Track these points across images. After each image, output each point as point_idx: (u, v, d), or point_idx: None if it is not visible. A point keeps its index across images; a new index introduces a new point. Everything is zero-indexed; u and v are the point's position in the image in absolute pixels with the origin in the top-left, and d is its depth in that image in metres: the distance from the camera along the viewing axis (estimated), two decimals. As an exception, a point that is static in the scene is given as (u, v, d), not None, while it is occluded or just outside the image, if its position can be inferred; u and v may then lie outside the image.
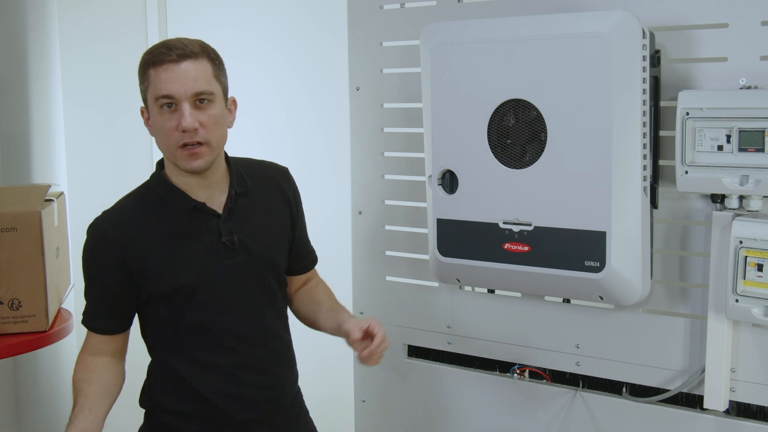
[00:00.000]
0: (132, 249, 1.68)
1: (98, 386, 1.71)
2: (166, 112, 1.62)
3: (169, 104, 1.62)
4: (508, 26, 1.79)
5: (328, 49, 2.85)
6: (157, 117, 1.64)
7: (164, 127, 1.63)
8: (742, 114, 1.61)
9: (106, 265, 1.69)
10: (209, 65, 1.65)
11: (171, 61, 1.61)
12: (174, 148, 1.64)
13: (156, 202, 1.71)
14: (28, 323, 2.04)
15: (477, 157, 1.84)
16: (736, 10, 1.67)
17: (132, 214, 1.71)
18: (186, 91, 1.61)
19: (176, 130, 1.62)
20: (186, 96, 1.61)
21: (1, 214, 2.01)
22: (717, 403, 1.73)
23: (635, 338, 1.86)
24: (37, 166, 3.08)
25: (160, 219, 1.69)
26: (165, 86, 1.61)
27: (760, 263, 1.61)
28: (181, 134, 1.62)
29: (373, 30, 2.15)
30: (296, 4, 2.93)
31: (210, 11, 3.16)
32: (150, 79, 1.63)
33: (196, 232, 1.70)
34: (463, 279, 1.97)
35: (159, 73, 1.62)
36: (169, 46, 1.63)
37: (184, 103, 1.61)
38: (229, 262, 1.71)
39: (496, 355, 2.06)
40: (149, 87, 1.64)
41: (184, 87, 1.61)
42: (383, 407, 2.26)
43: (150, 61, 1.63)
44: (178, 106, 1.62)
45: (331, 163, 2.86)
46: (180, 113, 1.61)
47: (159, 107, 1.63)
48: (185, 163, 1.65)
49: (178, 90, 1.61)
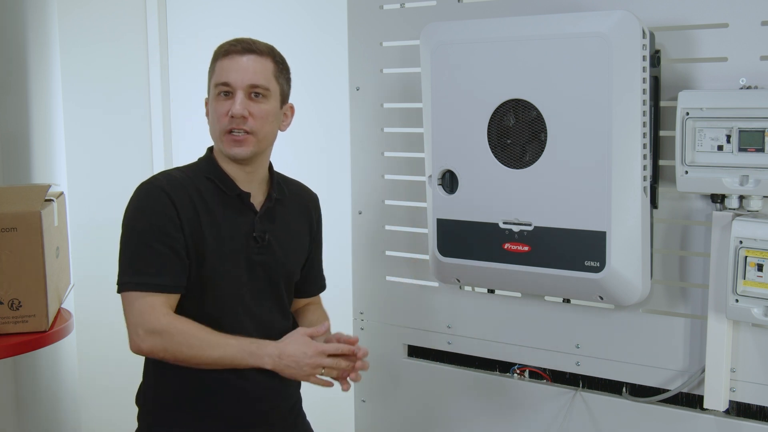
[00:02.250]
0: (185, 209, 1.70)
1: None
2: (222, 98, 1.72)
3: (226, 92, 1.71)
4: (508, 26, 1.79)
5: (328, 49, 2.86)
6: (213, 102, 1.74)
7: (216, 111, 1.72)
8: (742, 114, 1.61)
9: (166, 217, 1.68)
10: (272, 65, 1.75)
11: (236, 53, 1.72)
12: (221, 133, 1.72)
13: (203, 181, 1.75)
14: (28, 323, 2.04)
15: (477, 157, 1.84)
16: (736, 10, 1.67)
17: (183, 181, 1.74)
18: (243, 81, 1.71)
19: (226, 116, 1.71)
20: (242, 86, 1.71)
21: (1, 214, 2.01)
22: (717, 403, 1.73)
23: (635, 338, 1.86)
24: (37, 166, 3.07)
25: (206, 195, 1.73)
26: (225, 74, 1.71)
27: (760, 263, 1.61)
28: (230, 120, 1.70)
29: (373, 30, 2.15)
30: (296, 4, 2.93)
31: (210, 11, 3.16)
32: (215, 69, 1.74)
33: (234, 219, 1.75)
34: (463, 279, 1.97)
35: (223, 62, 1.72)
36: (239, 40, 1.74)
37: (239, 92, 1.71)
38: (256, 257, 1.76)
39: (496, 355, 2.06)
40: (213, 76, 1.74)
41: (242, 77, 1.70)
42: (383, 407, 2.26)
43: (219, 53, 1.75)
44: (234, 94, 1.71)
45: (331, 163, 2.86)
46: (233, 101, 1.70)
47: (217, 93, 1.73)
48: (228, 149, 1.72)
49: (236, 79, 1.70)
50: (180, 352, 1.64)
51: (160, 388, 1.77)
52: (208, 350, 1.64)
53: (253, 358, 1.65)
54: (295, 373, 1.66)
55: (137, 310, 1.66)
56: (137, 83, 3.29)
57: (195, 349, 1.64)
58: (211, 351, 1.65)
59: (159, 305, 1.66)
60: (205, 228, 1.70)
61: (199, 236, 1.70)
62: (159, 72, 3.27)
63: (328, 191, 2.83)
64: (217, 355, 1.65)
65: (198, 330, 1.65)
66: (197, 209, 1.70)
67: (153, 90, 3.30)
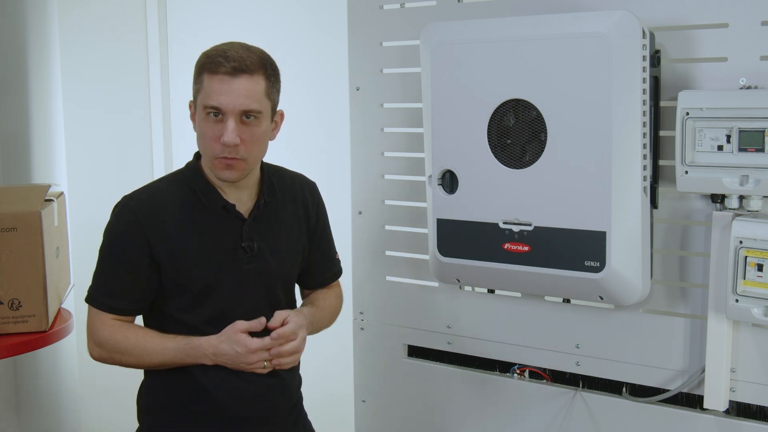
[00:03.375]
0: (159, 232, 1.68)
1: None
2: (211, 120, 1.64)
3: (216, 113, 1.64)
4: (508, 26, 1.79)
5: (328, 49, 2.85)
6: (203, 122, 1.66)
7: (206, 134, 1.66)
8: (742, 114, 1.61)
9: (133, 243, 1.68)
10: (263, 82, 1.66)
11: (226, 73, 1.62)
12: (210, 157, 1.67)
13: (188, 192, 1.72)
14: (28, 323, 2.04)
15: (477, 157, 1.84)
16: (736, 10, 1.67)
17: (164, 197, 1.72)
18: (235, 106, 1.62)
19: (217, 142, 1.64)
20: (234, 111, 1.63)
21: (1, 214, 2.01)
22: (717, 403, 1.73)
23: (635, 338, 1.86)
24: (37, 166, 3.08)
25: (189, 210, 1.71)
26: (216, 97, 1.62)
27: (760, 263, 1.61)
28: (221, 147, 1.64)
29: (373, 30, 2.15)
30: (296, 4, 2.93)
31: (210, 11, 3.16)
32: (203, 84, 1.65)
33: (219, 231, 1.72)
34: (463, 279, 1.97)
35: (212, 82, 1.62)
36: (228, 56, 1.63)
37: (230, 117, 1.63)
38: (246, 267, 1.73)
39: (496, 355, 2.06)
40: (201, 91, 1.66)
41: (233, 102, 1.62)
42: (383, 407, 2.26)
43: (206, 66, 1.64)
44: (224, 119, 1.63)
45: (331, 163, 2.86)
46: (224, 126, 1.63)
47: (206, 114, 1.65)
48: (219, 173, 1.68)
49: (227, 104, 1.62)
50: (124, 361, 1.72)
51: (160, 387, 1.76)
52: (147, 357, 1.70)
53: (191, 359, 1.68)
54: (236, 368, 1.68)
55: (90, 321, 1.74)
56: (137, 83, 3.29)
57: (135, 357, 1.70)
58: (150, 358, 1.70)
59: (107, 319, 1.72)
60: (189, 243, 1.69)
61: (182, 253, 1.68)
62: (159, 72, 3.27)
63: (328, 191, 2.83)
64: (157, 361, 1.70)
65: (136, 338, 1.70)
66: (180, 225, 1.69)
67: (153, 90, 3.30)
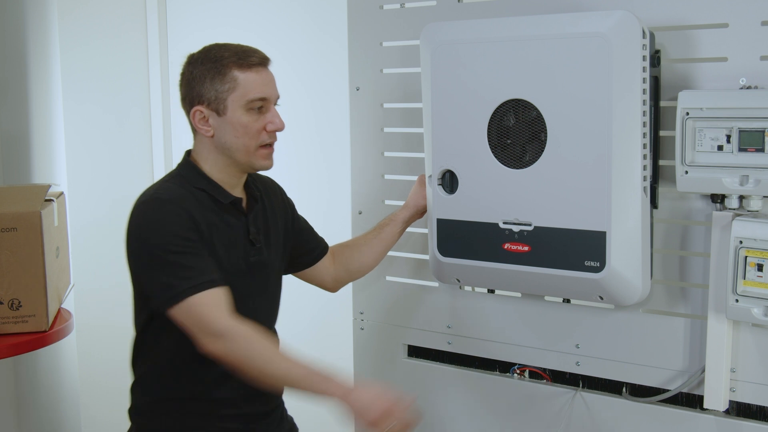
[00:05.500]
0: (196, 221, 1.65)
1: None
2: (254, 113, 1.68)
3: (260, 106, 1.68)
4: (508, 26, 1.79)
5: (328, 49, 2.85)
6: (243, 117, 1.68)
7: (251, 127, 1.68)
8: (742, 114, 1.61)
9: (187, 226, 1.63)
10: None
11: (260, 65, 1.69)
12: (254, 148, 1.70)
13: (196, 190, 1.70)
14: (28, 323, 2.04)
15: (477, 157, 1.84)
16: (736, 10, 1.67)
17: (181, 192, 1.69)
18: (274, 94, 1.72)
19: (263, 131, 1.70)
20: (274, 99, 1.72)
21: (1, 214, 2.01)
22: (717, 403, 1.73)
23: (635, 338, 1.86)
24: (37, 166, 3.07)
25: (204, 206, 1.69)
26: (261, 89, 1.68)
27: (760, 263, 1.61)
28: (268, 135, 1.70)
29: (373, 30, 2.15)
30: (296, 4, 2.94)
31: (210, 11, 3.16)
32: (237, 81, 1.67)
33: (232, 226, 1.73)
34: (463, 279, 1.97)
35: (250, 76, 1.67)
36: (246, 49, 1.69)
37: (272, 105, 1.71)
38: (252, 259, 1.76)
39: (496, 355, 2.06)
40: (236, 89, 1.66)
41: (272, 90, 1.71)
42: (383, 407, 2.26)
43: (233, 63, 1.67)
44: (267, 108, 1.70)
45: (331, 163, 2.86)
46: (272, 114, 1.70)
47: (248, 109, 1.68)
48: (262, 162, 1.72)
49: (270, 93, 1.70)
50: (242, 361, 1.58)
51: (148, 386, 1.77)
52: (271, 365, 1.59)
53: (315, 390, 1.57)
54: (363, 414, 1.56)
55: (196, 316, 1.59)
56: (137, 83, 3.29)
57: (257, 361, 1.58)
58: (274, 367, 1.58)
59: (217, 305, 1.59)
60: (214, 238, 1.68)
61: (211, 247, 1.67)
62: (159, 72, 3.27)
63: (328, 191, 2.84)
64: (280, 374, 1.59)
65: (262, 340, 1.59)
66: (202, 219, 1.67)
67: (153, 90, 3.30)
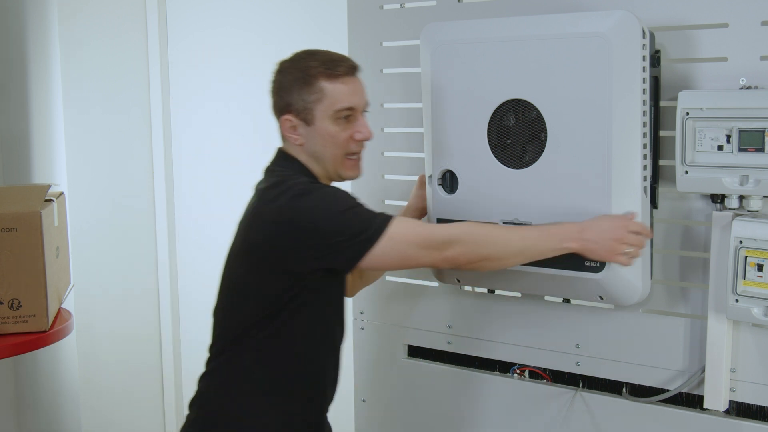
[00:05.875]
0: None
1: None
2: (342, 122, 1.71)
3: (347, 116, 1.71)
4: (508, 26, 1.79)
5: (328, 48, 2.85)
6: (331, 127, 1.70)
7: (338, 137, 1.71)
8: (742, 114, 1.61)
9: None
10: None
11: (347, 74, 1.71)
12: (342, 158, 1.73)
13: None
14: (28, 323, 2.04)
15: (477, 157, 1.84)
16: (736, 10, 1.67)
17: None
18: (362, 103, 1.74)
19: (351, 140, 1.72)
20: (362, 108, 1.74)
21: (1, 214, 2.01)
22: (717, 403, 1.73)
23: (635, 338, 1.86)
24: (37, 166, 3.08)
25: None
26: (348, 98, 1.70)
27: (760, 263, 1.61)
28: (356, 144, 1.73)
29: (373, 30, 2.15)
30: (296, 4, 2.94)
31: (210, 11, 3.16)
32: (324, 92, 1.69)
33: None
34: (463, 279, 1.97)
35: (338, 86, 1.70)
36: (335, 58, 1.72)
37: (360, 114, 1.73)
38: None
39: (496, 355, 2.06)
40: (323, 99, 1.69)
41: (360, 99, 1.73)
42: (383, 407, 2.26)
43: (320, 73, 1.69)
44: (355, 116, 1.72)
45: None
46: (360, 124, 1.73)
47: (335, 119, 1.70)
48: (350, 172, 1.76)
49: (358, 102, 1.72)
50: (482, 254, 1.64)
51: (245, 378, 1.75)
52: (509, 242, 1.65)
53: (555, 242, 1.65)
54: (598, 250, 1.64)
55: (411, 237, 1.64)
56: (137, 83, 3.29)
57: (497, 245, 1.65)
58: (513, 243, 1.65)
59: (419, 222, 1.69)
60: None
61: None
62: (159, 72, 3.27)
63: (328, 191, 2.83)
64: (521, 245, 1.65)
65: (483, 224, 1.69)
66: None
67: (153, 90, 3.30)
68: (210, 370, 1.78)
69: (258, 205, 1.69)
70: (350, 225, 1.62)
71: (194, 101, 3.24)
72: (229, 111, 3.13)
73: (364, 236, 1.61)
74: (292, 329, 1.71)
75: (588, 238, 1.64)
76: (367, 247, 1.61)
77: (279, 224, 1.63)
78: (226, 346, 1.75)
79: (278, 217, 1.64)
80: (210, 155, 3.22)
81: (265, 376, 1.73)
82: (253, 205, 1.70)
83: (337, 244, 1.62)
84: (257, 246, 1.67)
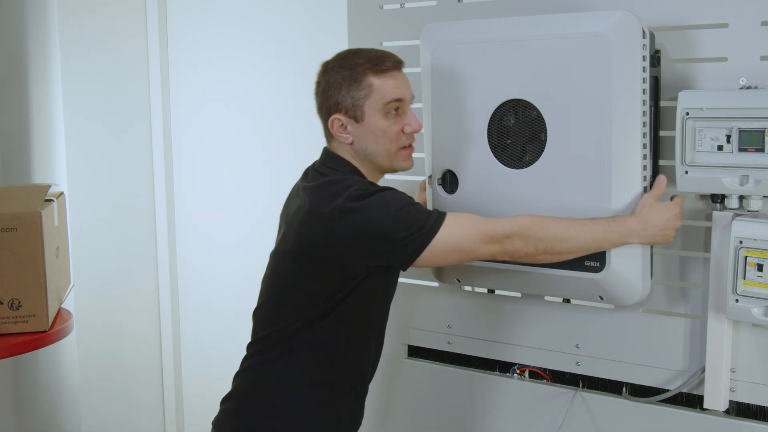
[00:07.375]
0: None
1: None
2: (391, 116, 1.73)
3: (396, 108, 1.72)
4: (508, 26, 1.79)
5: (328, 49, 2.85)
6: (382, 122, 1.72)
7: (389, 130, 1.73)
8: (742, 114, 1.61)
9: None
10: None
11: (394, 68, 1.73)
12: (395, 150, 1.75)
13: None
14: (28, 323, 2.04)
15: (477, 157, 1.84)
16: (736, 10, 1.67)
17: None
18: (409, 95, 1.75)
19: (402, 133, 1.74)
20: (409, 100, 1.75)
21: (1, 214, 2.01)
22: (717, 403, 1.73)
23: (635, 338, 1.86)
24: (37, 166, 3.08)
25: None
26: (396, 91, 1.72)
27: (760, 263, 1.61)
28: (407, 136, 1.75)
29: (373, 30, 2.15)
30: (296, 4, 2.93)
31: (210, 11, 3.16)
32: (372, 88, 1.71)
33: None
34: (463, 279, 1.97)
35: (385, 80, 1.71)
36: (381, 54, 1.74)
37: (407, 107, 1.75)
38: None
39: (496, 355, 2.06)
40: (372, 95, 1.71)
41: (407, 92, 1.75)
42: (383, 407, 2.26)
43: (368, 70, 1.71)
44: (403, 110, 1.74)
45: (331, 163, 2.86)
46: (408, 116, 1.74)
47: (385, 113, 1.72)
48: (404, 163, 1.77)
49: (406, 95, 1.74)
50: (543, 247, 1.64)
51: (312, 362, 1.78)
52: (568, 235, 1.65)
53: (616, 237, 1.66)
54: (658, 241, 1.69)
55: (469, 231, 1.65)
56: (137, 83, 3.29)
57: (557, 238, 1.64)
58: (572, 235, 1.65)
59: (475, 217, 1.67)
60: None
61: None
62: (159, 72, 3.27)
63: (328, 191, 2.83)
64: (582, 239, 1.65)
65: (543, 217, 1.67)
66: None
67: (153, 90, 3.30)
68: (251, 365, 1.79)
69: (313, 205, 1.68)
70: (408, 222, 1.63)
71: (194, 101, 3.24)
72: (229, 111, 3.13)
73: (422, 232, 1.63)
74: (344, 325, 1.73)
75: (650, 234, 1.68)
76: (425, 243, 1.63)
77: (338, 224, 1.63)
78: (274, 344, 1.76)
79: (337, 217, 1.63)
80: (210, 155, 3.21)
81: (315, 370, 1.75)
82: (306, 205, 1.69)
83: (396, 242, 1.63)
84: (313, 245, 1.67)
